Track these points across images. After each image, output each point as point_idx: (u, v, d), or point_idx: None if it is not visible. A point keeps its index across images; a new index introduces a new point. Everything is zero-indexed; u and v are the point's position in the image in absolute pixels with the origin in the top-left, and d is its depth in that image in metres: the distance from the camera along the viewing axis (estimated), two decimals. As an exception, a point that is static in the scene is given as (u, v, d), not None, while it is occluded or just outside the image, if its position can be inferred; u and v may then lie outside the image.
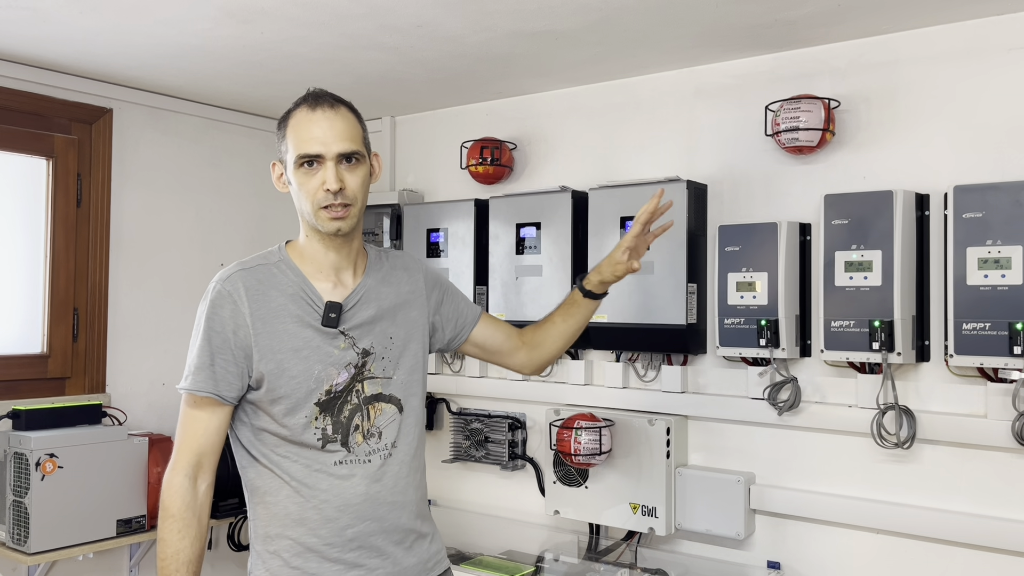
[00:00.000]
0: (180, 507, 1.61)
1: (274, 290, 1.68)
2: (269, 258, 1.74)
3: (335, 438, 1.67)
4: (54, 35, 2.55)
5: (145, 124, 3.22)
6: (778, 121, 2.46)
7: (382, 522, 1.69)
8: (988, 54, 2.29)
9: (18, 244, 2.94)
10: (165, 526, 1.61)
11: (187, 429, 1.66)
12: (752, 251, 2.49)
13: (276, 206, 3.65)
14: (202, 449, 1.65)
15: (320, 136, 1.64)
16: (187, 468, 1.64)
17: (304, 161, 1.65)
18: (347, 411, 1.69)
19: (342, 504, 1.66)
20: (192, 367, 1.64)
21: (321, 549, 1.65)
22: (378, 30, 2.47)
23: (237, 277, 1.68)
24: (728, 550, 2.64)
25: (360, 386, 1.71)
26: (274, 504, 1.67)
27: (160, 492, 1.65)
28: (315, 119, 1.65)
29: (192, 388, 1.64)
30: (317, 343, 1.67)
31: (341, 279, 1.74)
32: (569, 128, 3.04)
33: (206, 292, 1.68)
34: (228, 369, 1.64)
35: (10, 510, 2.59)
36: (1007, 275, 2.12)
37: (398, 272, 1.84)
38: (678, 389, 2.69)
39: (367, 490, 1.68)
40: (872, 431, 2.32)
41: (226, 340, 1.63)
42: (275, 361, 1.64)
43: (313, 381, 1.66)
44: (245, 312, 1.64)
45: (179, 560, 1.60)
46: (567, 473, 2.79)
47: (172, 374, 3.28)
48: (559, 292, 2.81)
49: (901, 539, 2.37)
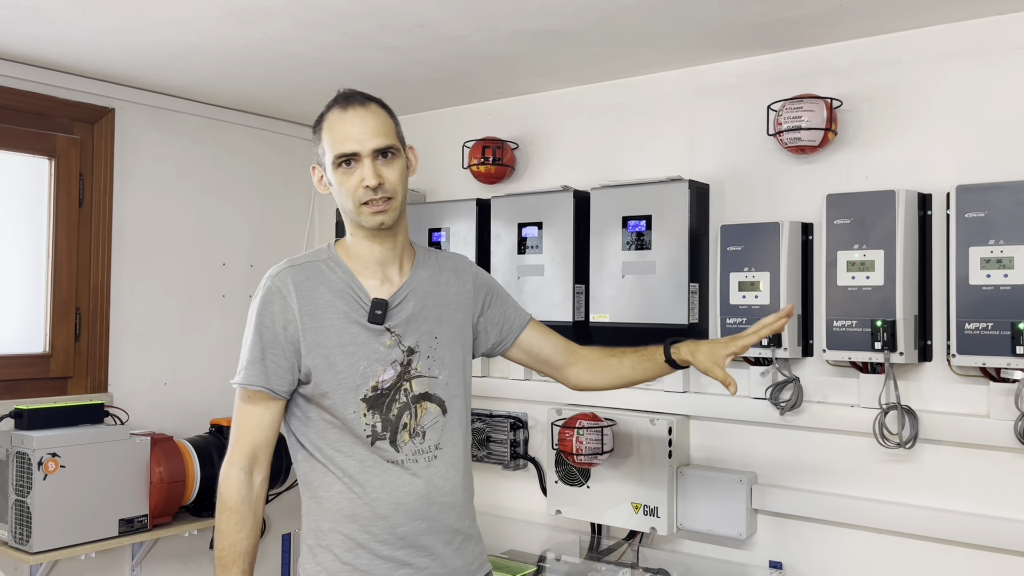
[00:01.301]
0: (237, 500, 1.66)
1: (322, 286, 1.71)
2: (318, 255, 1.77)
3: (384, 435, 1.70)
4: (56, 35, 2.56)
5: (147, 124, 3.22)
6: (780, 121, 2.46)
7: (432, 522, 1.72)
8: (990, 54, 2.28)
9: (20, 244, 2.94)
10: (223, 518, 1.66)
11: (242, 423, 1.70)
12: (754, 251, 2.49)
13: (278, 206, 3.66)
14: (256, 442, 1.69)
15: (355, 134, 1.68)
16: (243, 461, 1.68)
17: (342, 160, 1.69)
18: (396, 409, 1.71)
19: (394, 502, 1.68)
20: (245, 362, 1.68)
21: (372, 546, 1.67)
22: (380, 30, 2.46)
23: (287, 273, 1.71)
24: (730, 550, 2.64)
25: (408, 384, 1.73)
26: (327, 499, 1.70)
27: (218, 484, 1.69)
28: (348, 118, 1.70)
29: (244, 383, 1.68)
30: (363, 339, 1.70)
31: (388, 275, 1.76)
32: (571, 128, 3.04)
33: (258, 289, 1.72)
34: (279, 364, 1.67)
35: (12, 509, 2.59)
36: (1010, 275, 2.11)
37: (447, 273, 1.86)
38: (680, 389, 2.69)
39: (419, 489, 1.70)
40: (874, 431, 2.31)
41: (276, 335, 1.67)
42: (321, 356, 1.68)
43: (359, 377, 1.69)
44: (294, 307, 1.68)
45: (236, 551, 1.65)
46: (569, 473, 2.79)
47: (174, 374, 3.28)
48: (561, 291, 2.81)
49: (903, 539, 2.37)
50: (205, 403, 3.35)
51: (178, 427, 3.24)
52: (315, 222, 3.76)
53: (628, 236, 2.68)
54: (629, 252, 2.68)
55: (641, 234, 2.66)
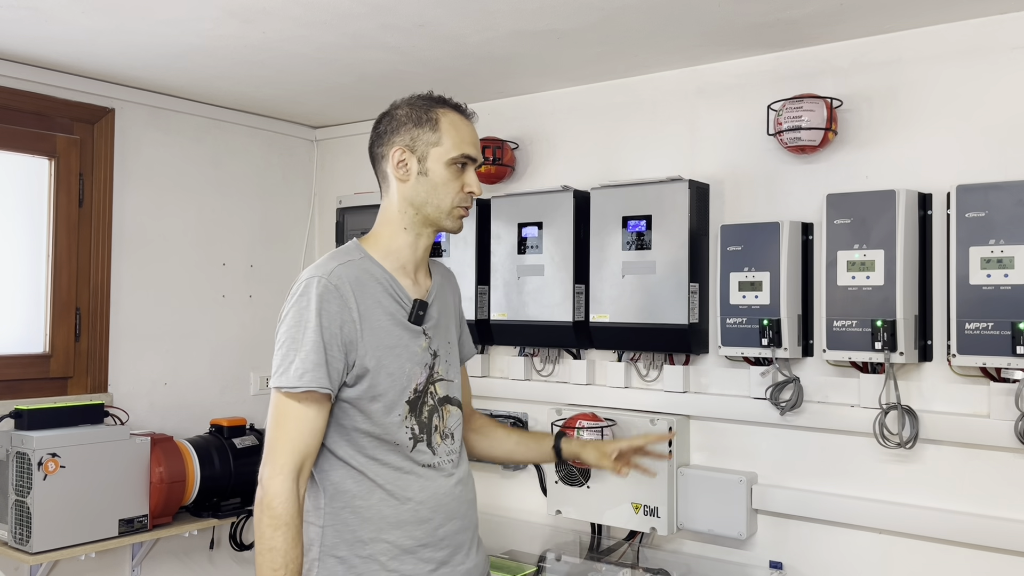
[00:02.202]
0: (293, 514, 1.54)
1: (369, 285, 1.68)
2: (352, 254, 1.71)
3: (422, 438, 1.70)
4: (56, 35, 2.55)
5: (147, 124, 3.22)
6: (780, 120, 2.46)
7: (464, 519, 1.76)
8: (991, 53, 2.28)
9: (20, 244, 2.94)
10: (278, 535, 1.53)
11: (293, 428, 1.58)
12: (754, 251, 2.49)
13: (278, 206, 3.66)
14: (308, 449, 1.59)
15: (475, 142, 1.75)
16: (293, 471, 1.56)
17: (462, 161, 1.71)
18: (426, 412, 1.72)
19: (435, 505, 1.70)
20: (308, 363, 1.57)
21: (416, 550, 1.68)
22: (380, 30, 2.46)
23: (341, 271, 1.65)
24: (730, 550, 2.63)
25: (433, 387, 1.74)
26: (365, 508, 1.65)
27: (264, 497, 1.55)
28: (469, 126, 1.76)
29: (312, 385, 1.57)
30: (406, 341, 1.70)
31: (417, 278, 1.77)
32: (571, 128, 3.04)
33: (303, 288, 1.63)
34: (336, 366, 1.61)
35: (12, 510, 2.59)
36: (1010, 275, 2.11)
37: (448, 281, 1.91)
38: (680, 389, 2.69)
39: (453, 489, 1.73)
40: (874, 431, 2.31)
41: (334, 335, 1.60)
42: (376, 357, 1.64)
43: (405, 379, 1.68)
44: (352, 307, 1.63)
45: (291, 569, 1.53)
46: (569, 473, 2.79)
47: (174, 374, 3.28)
48: (561, 291, 2.81)
49: (903, 539, 2.36)
50: (205, 403, 3.35)
51: (178, 427, 3.23)
52: (315, 222, 3.76)
53: (628, 236, 2.68)
54: (629, 252, 2.68)
55: (641, 234, 2.66)
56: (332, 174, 3.75)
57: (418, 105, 1.73)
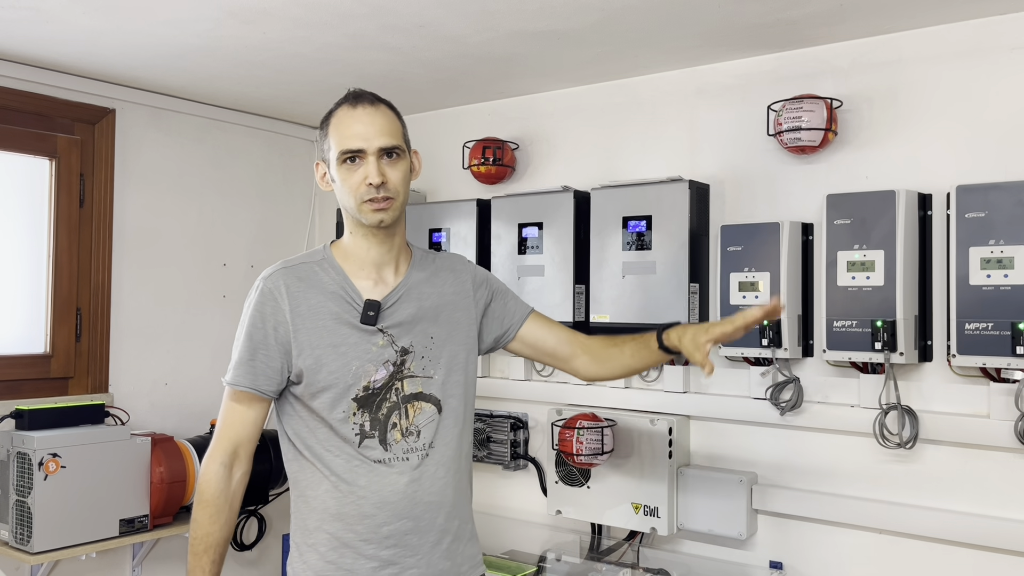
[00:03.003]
0: (214, 494, 1.70)
1: (314, 288, 1.73)
2: (312, 256, 1.79)
3: (372, 434, 1.71)
4: (57, 35, 2.56)
5: (148, 124, 3.22)
6: (780, 121, 2.46)
7: (418, 521, 1.72)
8: (991, 54, 2.28)
9: (21, 244, 2.95)
10: (199, 510, 1.70)
11: (226, 420, 1.74)
12: (754, 251, 2.49)
13: (278, 206, 3.66)
14: (239, 439, 1.73)
15: (362, 132, 1.69)
16: (223, 457, 1.72)
17: (347, 157, 1.70)
18: (385, 408, 1.72)
19: (380, 501, 1.69)
20: (234, 362, 1.73)
21: (357, 544, 1.69)
22: (380, 30, 2.47)
23: (279, 275, 1.74)
24: (730, 550, 2.63)
25: (399, 384, 1.74)
26: (313, 498, 1.72)
27: (199, 477, 1.73)
28: (356, 116, 1.71)
29: (232, 382, 1.72)
30: (355, 340, 1.71)
31: (382, 276, 1.78)
32: (571, 128, 3.04)
33: (252, 290, 1.75)
34: (269, 364, 1.71)
35: (13, 510, 2.59)
36: (1010, 275, 2.11)
37: (444, 273, 1.87)
38: (680, 389, 2.69)
39: (405, 488, 1.71)
40: (874, 431, 2.31)
41: (266, 335, 1.70)
42: (313, 357, 1.69)
43: (351, 377, 1.70)
44: (285, 309, 1.70)
45: (207, 542, 1.69)
46: (569, 473, 2.79)
47: (174, 374, 3.28)
48: (561, 292, 2.81)
49: (903, 539, 2.37)
50: (206, 403, 3.35)
51: (179, 427, 3.24)
52: (315, 222, 3.76)
53: (628, 236, 2.69)
54: (629, 252, 2.68)
55: (641, 234, 2.66)
56: (332, 174, 3.74)
57: (326, 113, 1.78)
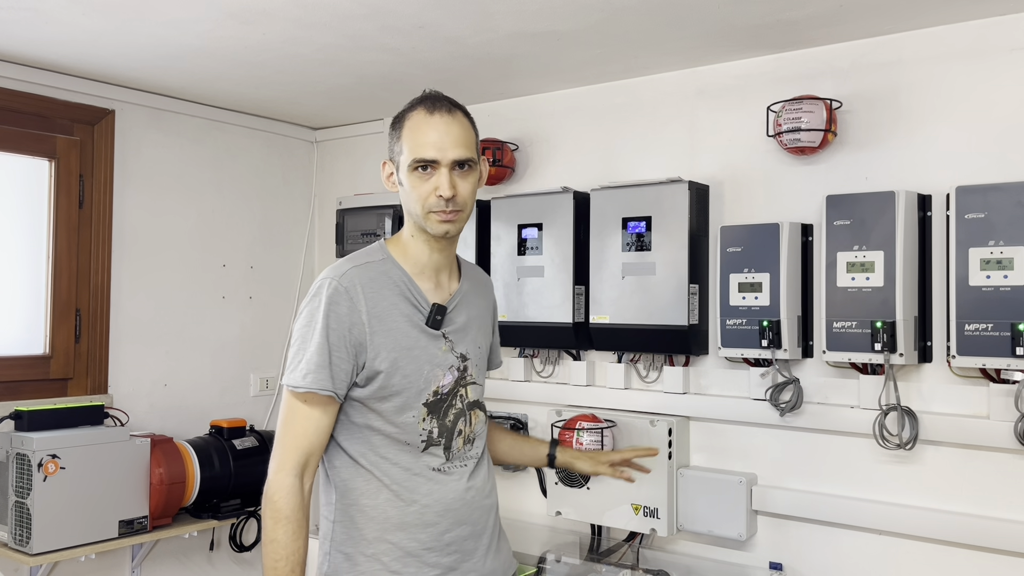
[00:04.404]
0: (294, 508, 1.58)
1: (386, 288, 1.68)
2: (374, 255, 1.72)
3: (439, 441, 1.69)
4: (56, 36, 2.56)
5: (147, 125, 3.22)
6: (780, 122, 2.46)
7: (475, 525, 1.73)
8: (991, 54, 2.28)
9: (20, 245, 2.95)
10: (279, 528, 1.57)
11: (298, 427, 1.62)
12: (754, 252, 2.49)
13: (278, 207, 3.66)
14: (312, 448, 1.63)
15: (437, 141, 1.64)
16: (297, 468, 1.60)
17: (420, 165, 1.65)
18: (452, 415, 1.71)
19: (443, 509, 1.68)
20: (311, 364, 1.60)
21: (421, 553, 1.67)
22: (379, 31, 2.47)
23: (353, 274, 1.66)
24: (730, 551, 2.63)
25: (464, 391, 1.74)
26: (371, 507, 1.66)
27: (267, 491, 1.60)
28: (433, 123, 1.65)
29: (313, 387, 1.60)
30: (424, 343, 1.69)
31: (440, 281, 1.76)
32: (571, 129, 3.04)
33: (317, 289, 1.66)
34: (343, 367, 1.62)
35: (12, 511, 2.59)
36: (1009, 276, 2.11)
37: (481, 287, 1.89)
38: (680, 390, 2.69)
39: (464, 494, 1.71)
40: (874, 432, 2.31)
41: (342, 337, 1.62)
42: (390, 360, 1.64)
43: (423, 381, 1.67)
44: (362, 309, 1.63)
45: (293, 561, 1.57)
46: (569, 474, 2.78)
47: (174, 375, 3.28)
48: (560, 292, 2.81)
49: (903, 540, 2.36)
50: (205, 404, 3.35)
51: (178, 428, 3.24)
52: (315, 223, 3.76)
53: (628, 237, 2.69)
54: (629, 253, 2.68)
55: (641, 235, 2.66)
56: (332, 175, 3.75)
57: (398, 114, 1.72)
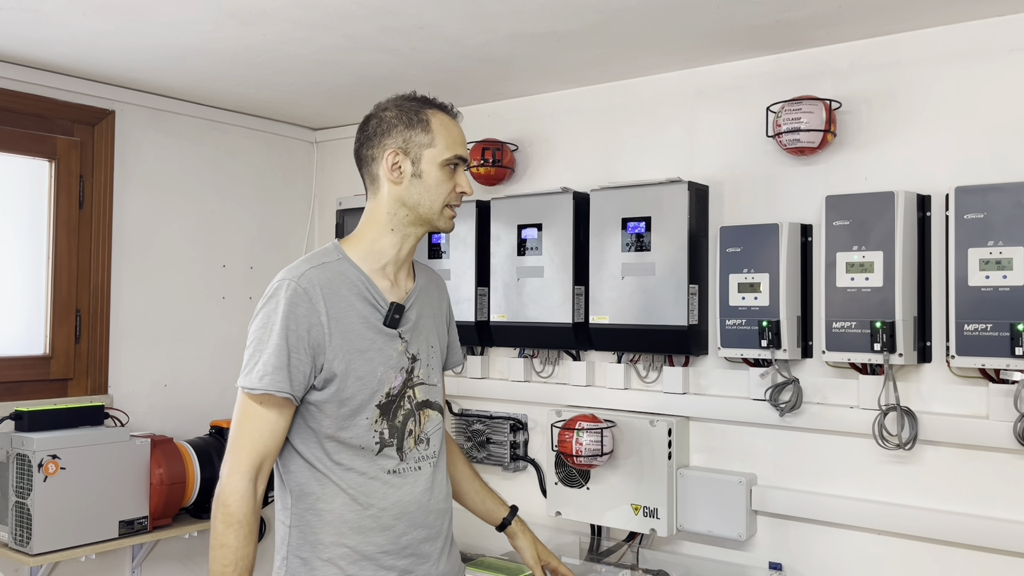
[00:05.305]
0: (247, 513, 1.56)
1: (343, 288, 1.66)
2: (330, 255, 1.71)
3: (391, 442, 1.68)
4: (56, 37, 2.56)
5: (147, 126, 3.22)
6: (779, 122, 2.46)
7: (431, 529, 1.73)
8: (990, 55, 2.29)
9: (20, 246, 2.95)
10: (230, 532, 1.55)
11: (252, 429, 1.59)
12: (753, 252, 2.49)
13: (278, 207, 3.66)
14: (267, 451, 1.60)
15: (464, 142, 1.77)
16: (251, 471, 1.58)
17: (455, 162, 1.73)
18: (401, 416, 1.70)
19: (399, 512, 1.68)
20: (268, 366, 1.58)
21: (377, 557, 1.66)
22: (379, 32, 2.47)
23: (311, 275, 1.64)
24: (730, 551, 2.64)
25: (412, 391, 1.73)
26: (328, 512, 1.65)
27: (220, 494, 1.58)
28: (457, 126, 1.77)
29: (271, 388, 1.57)
30: (380, 344, 1.68)
31: (398, 280, 1.76)
32: (570, 129, 3.04)
33: (274, 290, 1.63)
34: (301, 369, 1.60)
35: (12, 511, 2.59)
36: (1008, 276, 2.11)
37: (432, 285, 1.89)
38: (679, 390, 2.69)
39: (420, 497, 1.71)
40: (874, 432, 2.32)
41: (301, 338, 1.60)
42: (345, 361, 1.63)
43: (376, 383, 1.66)
44: (321, 311, 1.62)
45: (242, 567, 1.55)
46: (569, 474, 2.79)
47: (174, 376, 3.28)
48: (560, 293, 2.82)
49: (903, 540, 2.37)
50: (205, 405, 3.35)
51: (178, 429, 3.24)
52: (315, 223, 3.76)
53: (628, 238, 2.69)
54: (629, 254, 2.68)
55: (641, 236, 2.66)
56: (332, 176, 3.75)
57: (407, 107, 1.74)
